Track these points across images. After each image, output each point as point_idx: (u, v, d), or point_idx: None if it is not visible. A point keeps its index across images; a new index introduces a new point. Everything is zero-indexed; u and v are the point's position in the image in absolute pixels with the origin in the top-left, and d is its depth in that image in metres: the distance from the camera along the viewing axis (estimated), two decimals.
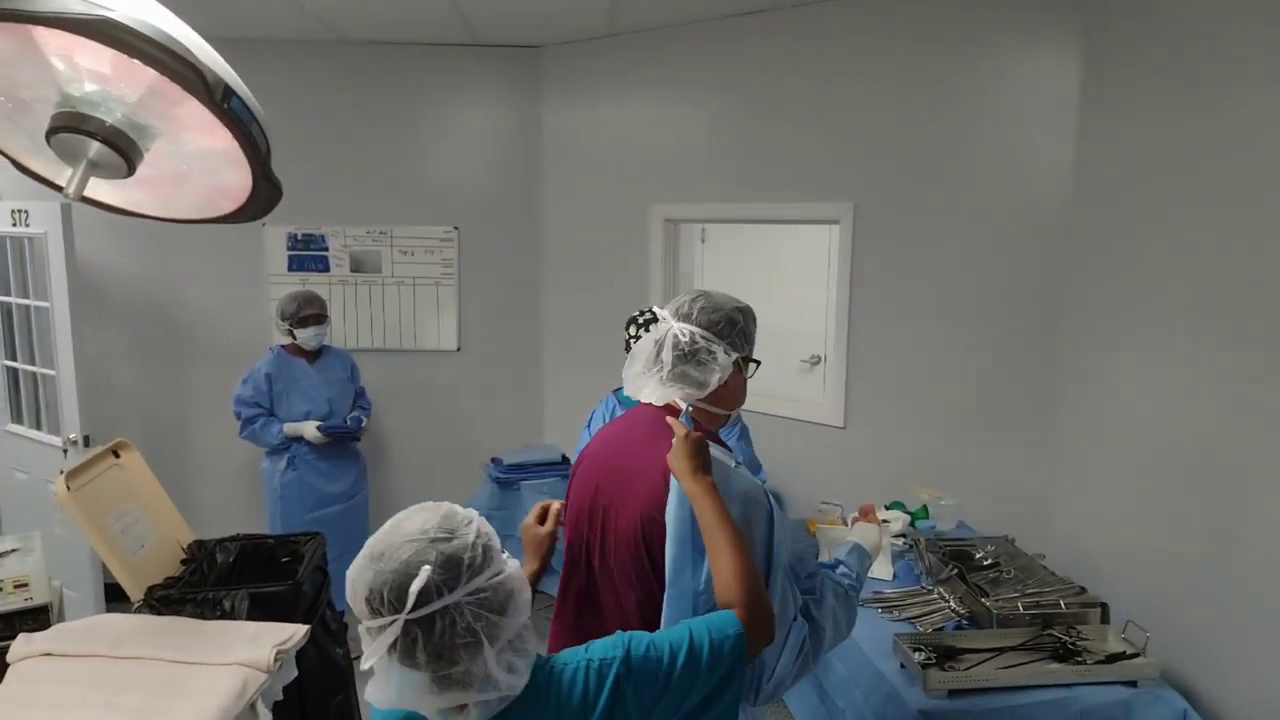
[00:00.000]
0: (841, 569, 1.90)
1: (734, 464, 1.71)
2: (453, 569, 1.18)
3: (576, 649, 1.33)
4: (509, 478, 4.48)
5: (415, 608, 1.15)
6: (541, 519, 1.77)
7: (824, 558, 2.23)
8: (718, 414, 1.84)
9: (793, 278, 4.95)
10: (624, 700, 1.26)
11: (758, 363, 1.88)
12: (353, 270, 4.87)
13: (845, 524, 3.18)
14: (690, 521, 1.59)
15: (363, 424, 4.31)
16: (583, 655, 1.30)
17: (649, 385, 1.82)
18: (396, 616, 1.15)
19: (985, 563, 2.83)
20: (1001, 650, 2.36)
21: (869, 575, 2.89)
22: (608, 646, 1.31)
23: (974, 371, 3.46)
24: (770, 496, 1.72)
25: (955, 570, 2.70)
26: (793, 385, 4.91)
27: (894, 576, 2.93)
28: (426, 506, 1.27)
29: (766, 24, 3.87)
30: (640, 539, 1.68)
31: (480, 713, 1.23)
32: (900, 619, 2.61)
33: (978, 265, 3.41)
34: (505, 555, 1.28)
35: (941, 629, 2.53)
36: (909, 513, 3.31)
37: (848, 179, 3.71)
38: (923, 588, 2.81)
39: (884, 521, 3.16)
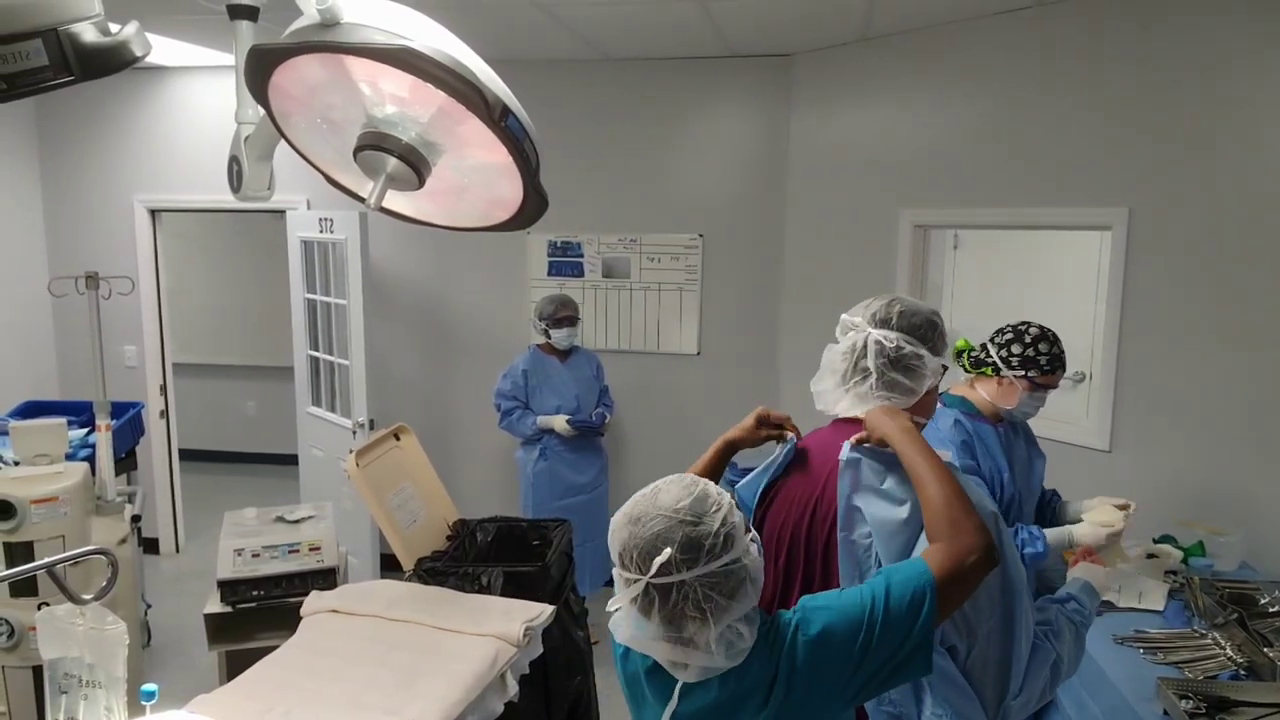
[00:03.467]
0: (1073, 605, 1.77)
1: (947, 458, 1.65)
2: (693, 551, 1.29)
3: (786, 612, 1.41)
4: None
5: (655, 575, 1.28)
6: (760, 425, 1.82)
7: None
8: (918, 424, 1.77)
9: (1056, 288, 4.62)
10: (800, 656, 1.34)
11: (946, 368, 1.80)
12: (604, 275, 5.11)
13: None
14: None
15: (605, 420, 4.54)
16: (791, 614, 1.39)
17: (847, 399, 1.75)
18: (641, 578, 1.30)
19: (1271, 609, 2.51)
20: None
21: (1135, 607, 2.69)
22: (811, 609, 1.39)
23: (1264, 397, 3.08)
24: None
25: (1235, 615, 2.42)
26: (1051, 402, 4.56)
27: (1162, 612, 2.67)
28: (685, 481, 1.38)
29: (1029, 21, 3.65)
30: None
31: (699, 671, 1.35)
32: (1165, 662, 2.38)
33: (1269, 279, 3.04)
34: (750, 537, 1.36)
35: (1214, 677, 2.28)
36: (1181, 548, 3.00)
37: (1122, 182, 3.42)
38: (1195, 631, 2.54)
39: (1152, 556, 2.90)
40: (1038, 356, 2.60)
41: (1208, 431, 3.23)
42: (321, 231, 4.75)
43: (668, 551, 1.28)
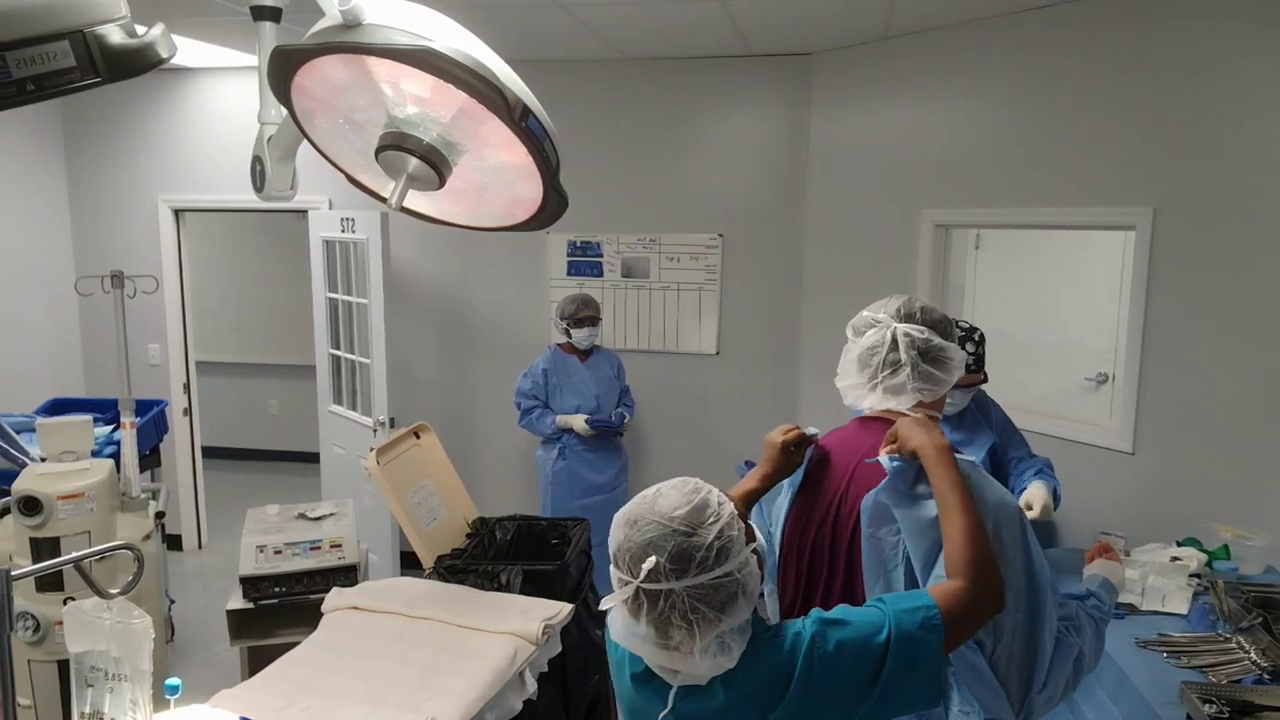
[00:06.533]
0: (1092, 601, 1.76)
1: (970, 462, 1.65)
2: (682, 561, 1.29)
3: (798, 619, 1.41)
4: None
5: (644, 581, 1.29)
6: (794, 440, 1.76)
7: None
8: (932, 418, 1.76)
9: (1080, 288, 4.59)
10: (815, 671, 1.33)
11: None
12: (623, 275, 5.11)
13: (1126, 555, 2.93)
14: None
15: (625, 420, 4.54)
16: (798, 624, 1.38)
17: (876, 394, 1.74)
18: (631, 581, 1.30)
19: None
20: None
21: (1159, 610, 2.67)
22: (827, 623, 1.38)
23: None
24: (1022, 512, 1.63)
25: (1260, 619, 2.40)
26: (1074, 404, 4.55)
27: (1186, 616, 2.65)
28: (687, 488, 1.36)
29: (1051, 19, 3.62)
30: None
31: (686, 678, 1.35)
32: (1188, 666, 2.36)
33: None
34: (751, 548, 1.35)
35: (1238, 681, 2.25)
36: (1206, 551, 2.97)
37: (1146, 181, 3.39)
38: (1219, 635, 2.52)
39: (1175, 559, 2.88)
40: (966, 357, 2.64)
41: (1233, 433, 3.19)
42: (343, 231, 4.78)
43: (654, 559, 1.28)
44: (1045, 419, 3.83)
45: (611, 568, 1.35)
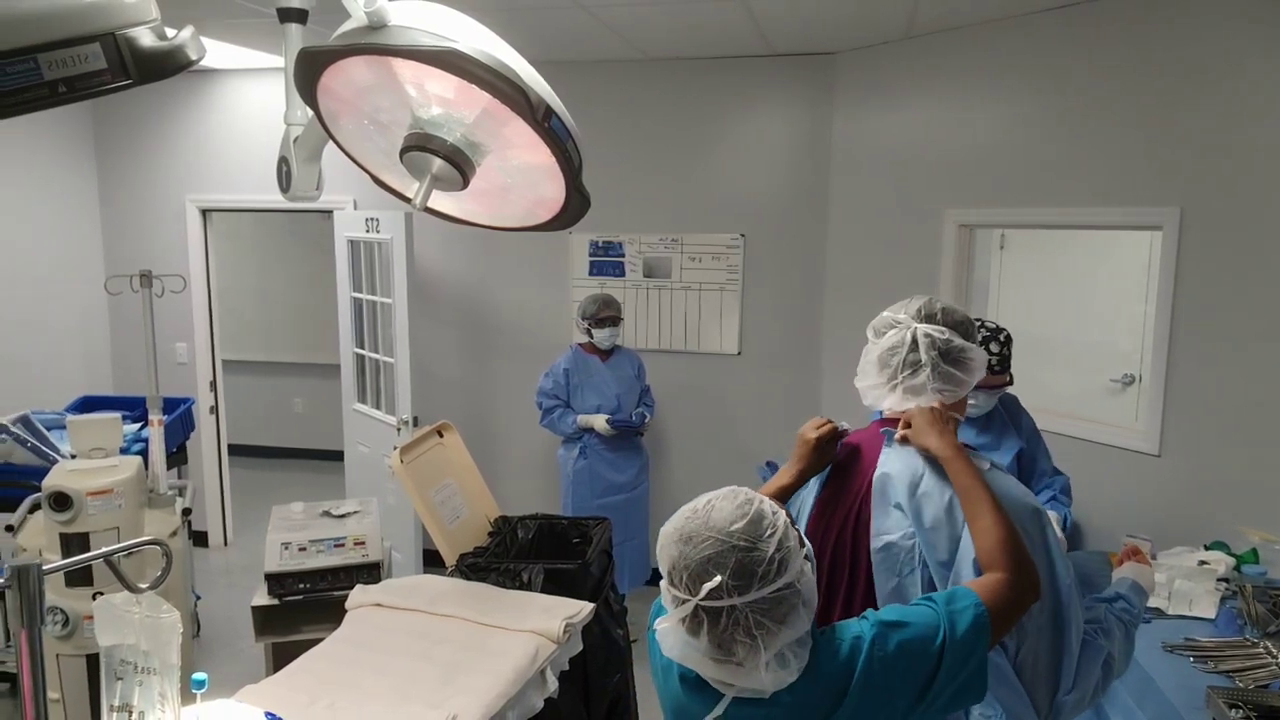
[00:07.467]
0: (1121, 604, 1.74)
1: (987, 466, 1.64)
2: (745, 577, 1.25)
3: (853, 620, 1.40)
4: None
5: (705, 599, 1.25)
6: (827, 435, 1.75)
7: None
8: (954, 419, 1.74)
9: (1106, 289, 4.55)
10: (875, 673, 1.32)
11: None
12: (645, 275, 5.12)
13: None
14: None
15: (646, 420, 4.55)
16: (855, 626, 1.37)
17: (895, 394, 1.72)
18: (690, 599, 1.26)
19: None
20: None
21: (1186, 615, 2.64)
22: (886, 625, 1.37)
23: None
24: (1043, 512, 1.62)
25: None
26: (1099, 406, 4.51)
27: (1213, 620, 2.62)
28: (739, 499, 1.32)
29: (1077, 17, 3.59)
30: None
31: (745, 691, 1.32)
32: (1215, 670, 2.33)
33: None
34: (804, 554, 1.32)
35: (1266, 686, 2.23)
36: (1234, 555, 2.93)
37: (1173, 181, 3.35)
38: (1246, 639, 2.49)
39: (1202, 563, 2.84)
40: (989, 358, 2.59)
41: (1261, 435, 3.15)
42: (368, 231, 4.81)
43: (718, 579, 1.24)
44: (1070, 421, 3.80)
45: (664, 585, 1.32)
